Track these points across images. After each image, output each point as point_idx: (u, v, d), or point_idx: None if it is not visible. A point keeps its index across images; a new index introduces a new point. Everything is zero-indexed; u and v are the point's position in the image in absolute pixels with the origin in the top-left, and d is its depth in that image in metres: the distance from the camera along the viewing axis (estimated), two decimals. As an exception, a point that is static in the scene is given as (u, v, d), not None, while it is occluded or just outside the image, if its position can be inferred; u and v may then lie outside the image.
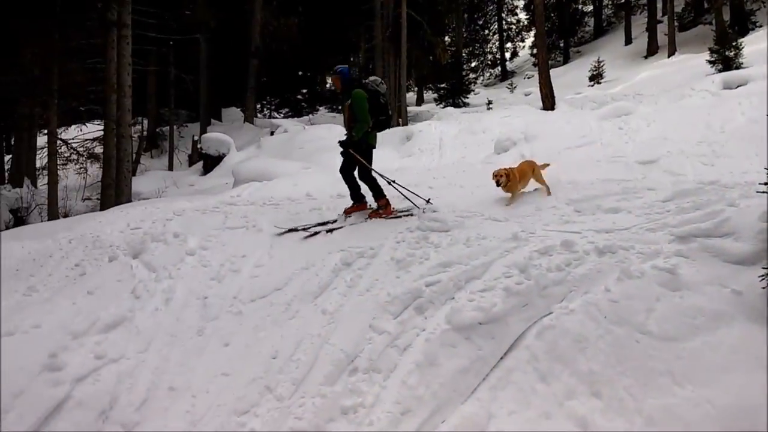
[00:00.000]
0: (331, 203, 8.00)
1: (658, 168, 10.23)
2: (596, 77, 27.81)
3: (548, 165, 8.77)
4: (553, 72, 24.84)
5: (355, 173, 7.86)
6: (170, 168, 24.42)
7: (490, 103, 27.41)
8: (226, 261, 6.71)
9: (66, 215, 16.20)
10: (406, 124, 22.59)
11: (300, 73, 36.01)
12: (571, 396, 4.37)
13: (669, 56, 26.64)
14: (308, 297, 5.81)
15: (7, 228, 15.89)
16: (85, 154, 20.05)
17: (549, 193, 8.04)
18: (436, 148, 15.73)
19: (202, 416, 4.67)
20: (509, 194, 7.88)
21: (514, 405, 4.51)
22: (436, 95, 33.79)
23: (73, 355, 4.95)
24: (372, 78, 7.87)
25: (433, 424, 4.48)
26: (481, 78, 48.08)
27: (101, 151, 18.52)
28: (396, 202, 8.21)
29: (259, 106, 33.78)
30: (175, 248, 7.10)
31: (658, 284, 4.96)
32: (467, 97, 32.05)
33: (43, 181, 20.41)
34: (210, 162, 20.83)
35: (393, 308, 5.33)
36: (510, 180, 7.82)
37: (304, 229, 7.34)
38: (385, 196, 7.76)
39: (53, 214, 15.78)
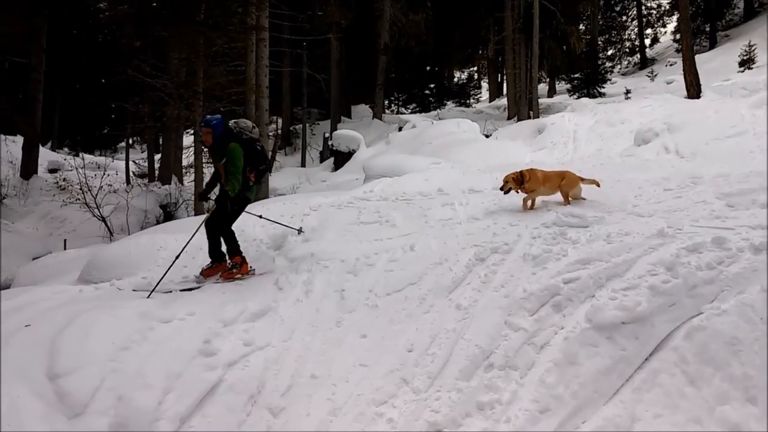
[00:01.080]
0: (463, 198, 7.96)
1: (821, 159, 9.35)
2: (747, 62, 25.77)
3: (594, 182, 7.91)
4: (698, 58, 23.28)
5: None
6: (303, 164, 25.37)
7: (628, 92, 26.16)
8: (362, 255, 6.87)
9: (209, 211, 17.22)
10: (538, 117, 22.09)
11: (428, 68, 36.14)
12: (723, 401, 4.14)
13: (831, 36, 24.21)
14: (442, 292, 5.84)
15: (158, 222, 17.21)
16: (226, 152, 21.25)
17: (567, 203, 7.50)
18: (569, 141, 15.26)
19: (343, 404, 4.82)
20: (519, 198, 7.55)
21: (660, 408, 4.33)
22: (569, 86, 32.70)
23: (224, 342, 5.27)
24: (243, 124, 7.12)
25: (573, 424, 4.38)
26: (618, 66, 45.84)
27: (241, 149, 19.58)
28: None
29: (386, 102, 34.26)
30: (313, 242, 7.38)
31: (824, 285, 4.56)
32: (603, 87, 30.74)
33: (188, 179, 21.91)
34: (341, 158, 21.44)
35: (529, 305, 5.24)
36: (528, 181, 7.36)
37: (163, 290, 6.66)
38: (241, 253, 7.09)
39: (199, 209, 16.85)
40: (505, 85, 33.95)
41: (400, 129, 23.46)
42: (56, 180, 20.80)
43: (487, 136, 18.91)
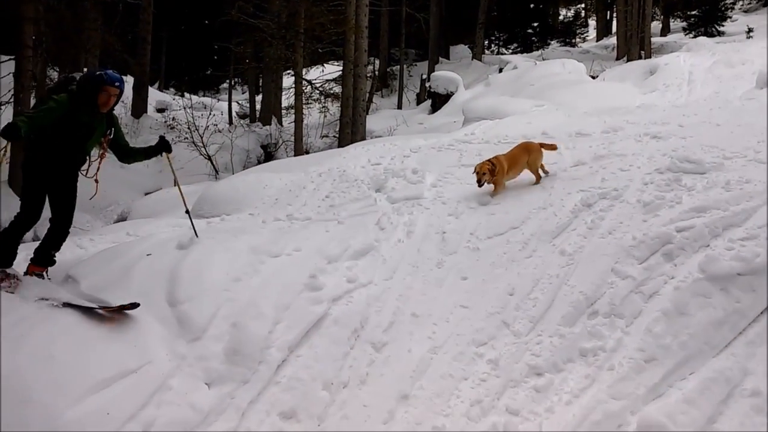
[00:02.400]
0: (569, 142, 7.71)
1: None
2: None
3: (554, 147, 7.29)
4: (831, -9, 21.17)
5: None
6: (399, 107, 25.29)
7: (750, 31, 24.20)
8: (463, 198, 6.84)
9: (307, 152, 17.61)
10: (650, 57, 20.90)
11: (531, 5, 34.72)
12: None
13: None
14: (546, 237, 5.75)
15: (259, 162, 17.76)
16: (324, 93, 21.53)
17: (537, 182, 6.89)
18: (683, 83, 14.39)
19: (443, 343, 4.92)
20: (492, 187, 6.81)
21: (775, 364, 4.16)
22: (684, 24, 30.59)
23: (329, 278, 5.45)
24: None
25: (680, 374, 4.29)
26: (740, 3, 42.37)
27: (339, 90, 19.74)
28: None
29: (486, 42, 33.31)
30: (414, 183, 7.41)
31: None
32: (722, 25, 28.53)
33: (288, 120, 22.37)
34: (438, 100, 21.19)
35: (638, 253, 5.10)
36: (497, 173, 6.64)
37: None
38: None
39: (299, 150, 17.24)
40: (614, 23, 32.18)
41: (500, 70, 22.83)
42: (165, 119, 21.76)
43: (593, 78, 18.11)
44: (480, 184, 6.70)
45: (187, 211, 6.04)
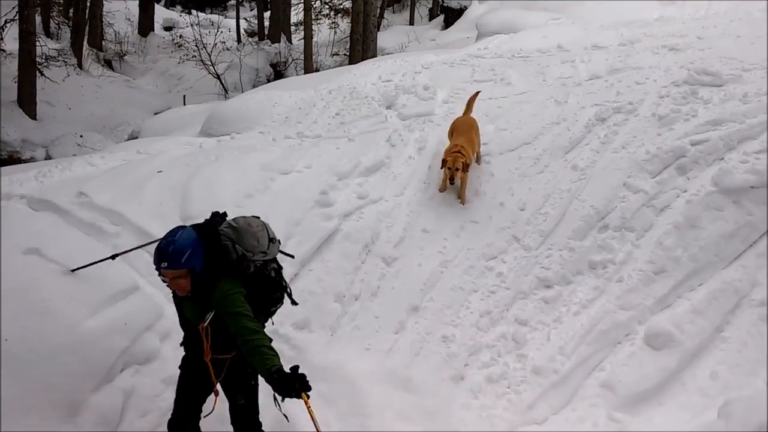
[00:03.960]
0: (585, 55, 7.48)
1: None
2: None
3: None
4: None
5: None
6: (411, 23, 24.61)
7: (776, -62, 23.14)
8: (475, 113, 6.72)
9: (317, 70, 17.29)
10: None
11: None
12: None
13: None
14: (558, 152, 5.71)
15: (268, 81, 17.50)
16: (334, 8, 20.98)
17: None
18: (705, -6, 13.86)
19: (453, 257, 4.99)
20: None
21: (784, 276, 4.20)
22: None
23: (340, 194, 5.45)
24: (240, 222, 3.30)
25: (688, 286, 4.37)
26: None
27: (349, 5, 19.21)
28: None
29: (501, -46, 32.09)
30: (425, 100, 7.29)
31: None
32: (746, -67, 27.32)
33: (297, 37, 21.89)
34: (451, 15, 20.59)
35: (651, 167, 5.08)
36: (465, 165, 5.38)
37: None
38: None
39: (308, 68, 16.93)
40: (633, -68, 30.82)
41: (515, -18, 22.08)
42: (172, 37, 21.39)
43: (610, -10, 17.49)
44: (453, 182, 5.48)
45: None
